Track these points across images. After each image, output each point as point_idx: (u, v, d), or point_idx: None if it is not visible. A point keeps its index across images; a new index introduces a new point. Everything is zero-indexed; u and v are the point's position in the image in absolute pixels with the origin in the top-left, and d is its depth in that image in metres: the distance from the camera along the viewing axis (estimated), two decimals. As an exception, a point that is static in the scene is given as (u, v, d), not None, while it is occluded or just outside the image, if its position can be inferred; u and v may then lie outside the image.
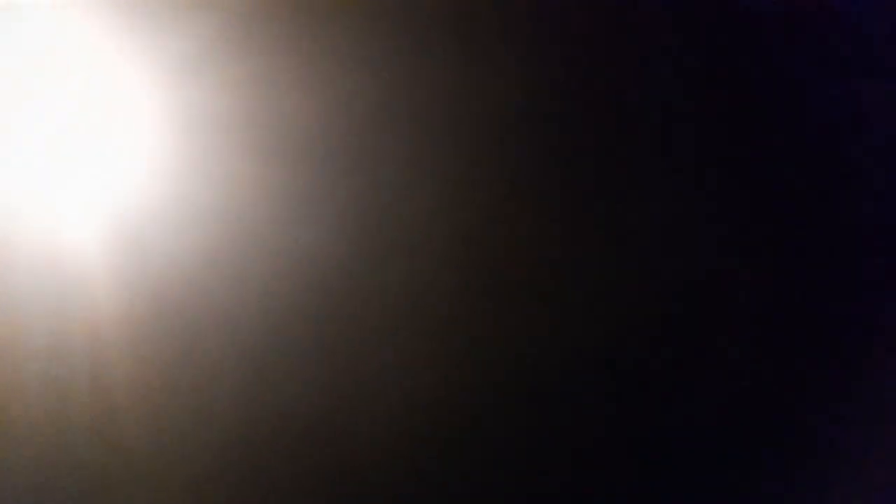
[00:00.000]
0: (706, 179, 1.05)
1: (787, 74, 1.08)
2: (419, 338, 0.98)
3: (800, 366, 1.03)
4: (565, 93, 1.02)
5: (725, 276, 1.04)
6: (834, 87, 1.08)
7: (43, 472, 0.95)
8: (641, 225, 1.03)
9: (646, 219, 1.04)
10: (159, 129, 0.99)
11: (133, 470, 0.96)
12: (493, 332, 0.99)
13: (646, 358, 1.02)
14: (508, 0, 1.02)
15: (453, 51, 1.00)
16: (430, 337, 0.98)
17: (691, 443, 1.01)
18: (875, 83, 1.08)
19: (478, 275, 0.99)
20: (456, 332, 0.99)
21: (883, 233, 1.06)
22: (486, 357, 0.99)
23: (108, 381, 0.96)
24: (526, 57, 1.00)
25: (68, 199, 0.99)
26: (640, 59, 1.06)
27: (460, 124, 1.00)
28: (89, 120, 1.00)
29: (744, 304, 1.04)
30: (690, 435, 1.01)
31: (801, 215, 1.05)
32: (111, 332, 0.96)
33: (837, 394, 1.04)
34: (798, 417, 1.03)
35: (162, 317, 0.97)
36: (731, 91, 1.06)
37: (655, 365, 1.02)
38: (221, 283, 0.97)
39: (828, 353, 1.04)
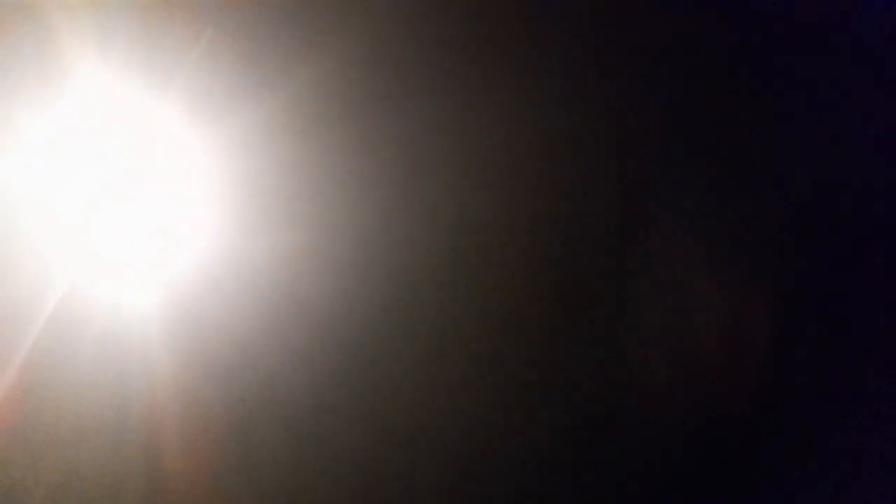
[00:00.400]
0: (714, 193, 1.06)
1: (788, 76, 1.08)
2: (468, 401, 1.00)
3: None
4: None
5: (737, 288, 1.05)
6: (835, 88, 1.08)
7: None
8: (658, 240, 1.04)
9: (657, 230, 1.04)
10: (217, 200, 1.01)
11: None
12: (553, 378, 1.01)
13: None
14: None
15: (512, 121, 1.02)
16: (481, 398, 1.00)
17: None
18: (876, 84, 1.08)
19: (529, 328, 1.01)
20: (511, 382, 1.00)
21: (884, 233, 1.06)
22: (549, 402, 1.01)
23: (160, 451, 0.98)
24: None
25: (126, 269, 1.01)
26: (640, 62, 1.06)
27: (516, 190, 1.01)
28: (149, 190, 1.02)
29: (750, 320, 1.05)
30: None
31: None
32: (163, 403, 0.98)
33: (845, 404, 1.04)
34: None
35: (213, 387, 0.98)
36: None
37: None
38: (272, 352, 0.99)
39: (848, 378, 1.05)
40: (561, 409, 1.00)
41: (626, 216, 1.04)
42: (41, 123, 1.01)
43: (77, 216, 1.01)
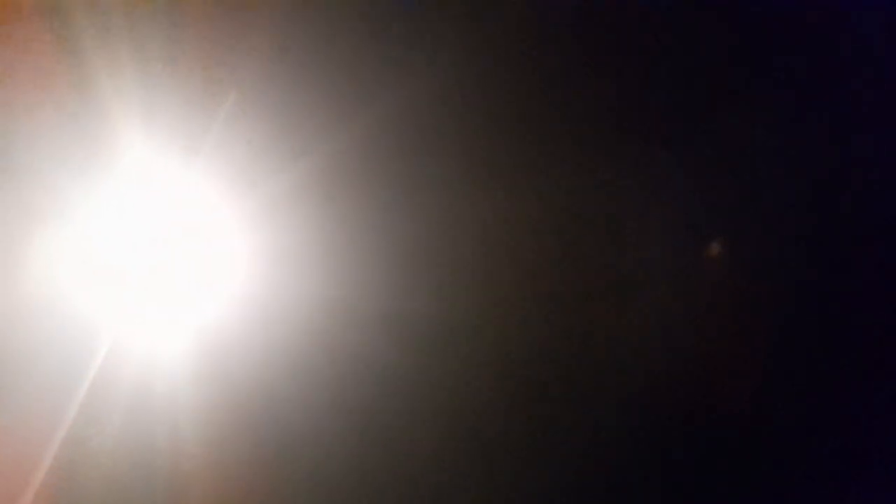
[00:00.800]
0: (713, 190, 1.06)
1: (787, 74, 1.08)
2: (495, 455, 1.01)
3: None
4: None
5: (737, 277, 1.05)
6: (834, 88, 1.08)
7: None
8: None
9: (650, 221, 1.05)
10: (245, 259, 1.03)
11: None
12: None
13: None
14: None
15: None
16: (506, 453, 1.01)
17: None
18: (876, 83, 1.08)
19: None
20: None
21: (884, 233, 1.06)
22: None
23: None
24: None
25: (158, 326, 1.03)
26: (639, 61, 1.06)
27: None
28: (178, 252, 1.04)
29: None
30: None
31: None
32: (194, 457, 1.00)
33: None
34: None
35: (242, 442, 1.00)
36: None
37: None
38: (301, 405, 1.00)
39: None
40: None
41: (624, 217, 1.04)
42: (73, 190, 1.02)
43: (110, 276, 1.03)
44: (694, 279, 1.05)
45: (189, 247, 1.03)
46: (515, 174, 1.04)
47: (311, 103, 1.02)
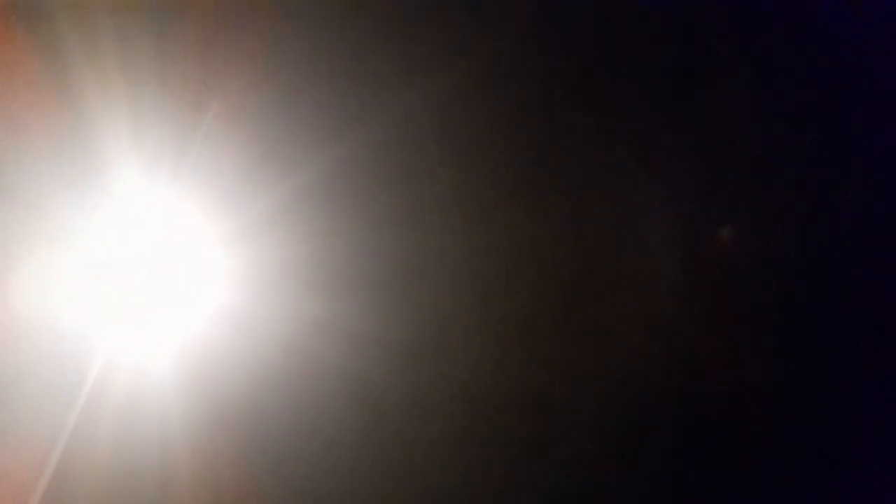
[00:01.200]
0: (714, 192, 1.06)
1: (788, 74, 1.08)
2: (479, 464, 1.01)
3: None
4: None
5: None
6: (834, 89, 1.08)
7: None
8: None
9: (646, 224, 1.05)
10: (237, 273, 1.03)
11: None
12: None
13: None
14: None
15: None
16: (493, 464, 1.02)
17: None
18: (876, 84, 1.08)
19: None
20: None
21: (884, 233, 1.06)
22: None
23: None
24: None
25: (148, 340, 1.03)
26: (639, 60, 1.06)
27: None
28: (169, 264, 1.04)
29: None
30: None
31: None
32: (185, 473, 1.00)
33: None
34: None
35: (235, 454, 1.01)
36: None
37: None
38: (285, 419, 1.01)
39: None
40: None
41: (623, 216, 1.05)
42: (65, 204, 1.03)
43: (102, 294, 1.03)
44: (694, 279, 1.05)
45: (179, 259, 1.04)
46: (513, 177, 1.04)
47: (302, 119, 1.03)
